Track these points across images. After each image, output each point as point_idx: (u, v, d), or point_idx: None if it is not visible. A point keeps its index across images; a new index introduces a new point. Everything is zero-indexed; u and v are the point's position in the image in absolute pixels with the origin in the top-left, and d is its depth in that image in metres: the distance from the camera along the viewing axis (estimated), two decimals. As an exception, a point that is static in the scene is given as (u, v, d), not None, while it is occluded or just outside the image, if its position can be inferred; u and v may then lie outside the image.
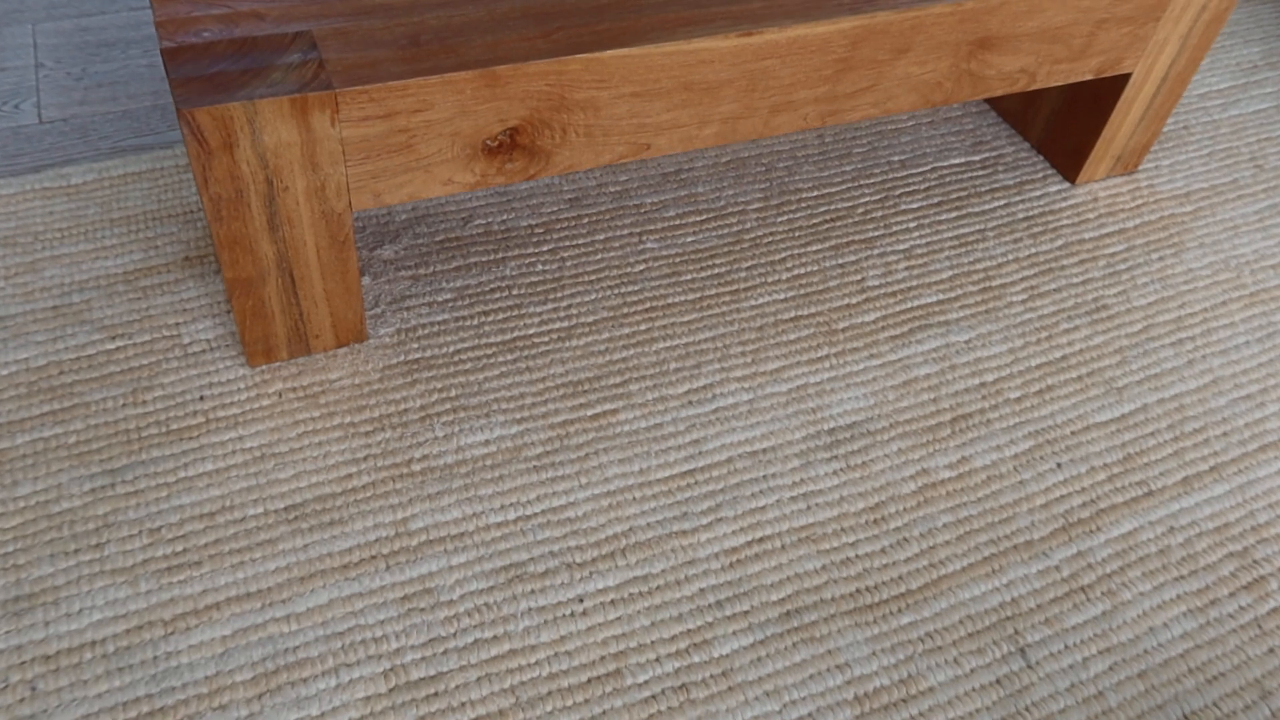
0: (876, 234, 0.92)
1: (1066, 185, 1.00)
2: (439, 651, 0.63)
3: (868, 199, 0.95)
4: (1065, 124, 1.00)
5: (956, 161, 1.01)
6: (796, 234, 0.91)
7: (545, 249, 0.87)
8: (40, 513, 0.67)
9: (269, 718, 0.60)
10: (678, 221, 0.91)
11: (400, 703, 0.61)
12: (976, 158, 1.02)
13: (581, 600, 0.66)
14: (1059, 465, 0.77)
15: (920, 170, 0.99)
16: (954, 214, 0.95)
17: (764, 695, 0.63)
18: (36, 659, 0.61)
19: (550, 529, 0.70)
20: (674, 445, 0.75)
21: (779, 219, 0.92)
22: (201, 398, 0.74)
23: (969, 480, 0.75)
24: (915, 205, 0.96)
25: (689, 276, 0.86)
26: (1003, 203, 0.97)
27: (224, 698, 0.60)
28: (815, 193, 0.95)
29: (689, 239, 0.90)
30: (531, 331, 0.81)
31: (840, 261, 0.89)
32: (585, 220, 0.90)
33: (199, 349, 0.77)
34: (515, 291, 0.83)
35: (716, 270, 0.87)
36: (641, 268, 0.87)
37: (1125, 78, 0.92)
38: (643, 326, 0.82)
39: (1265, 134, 1.09)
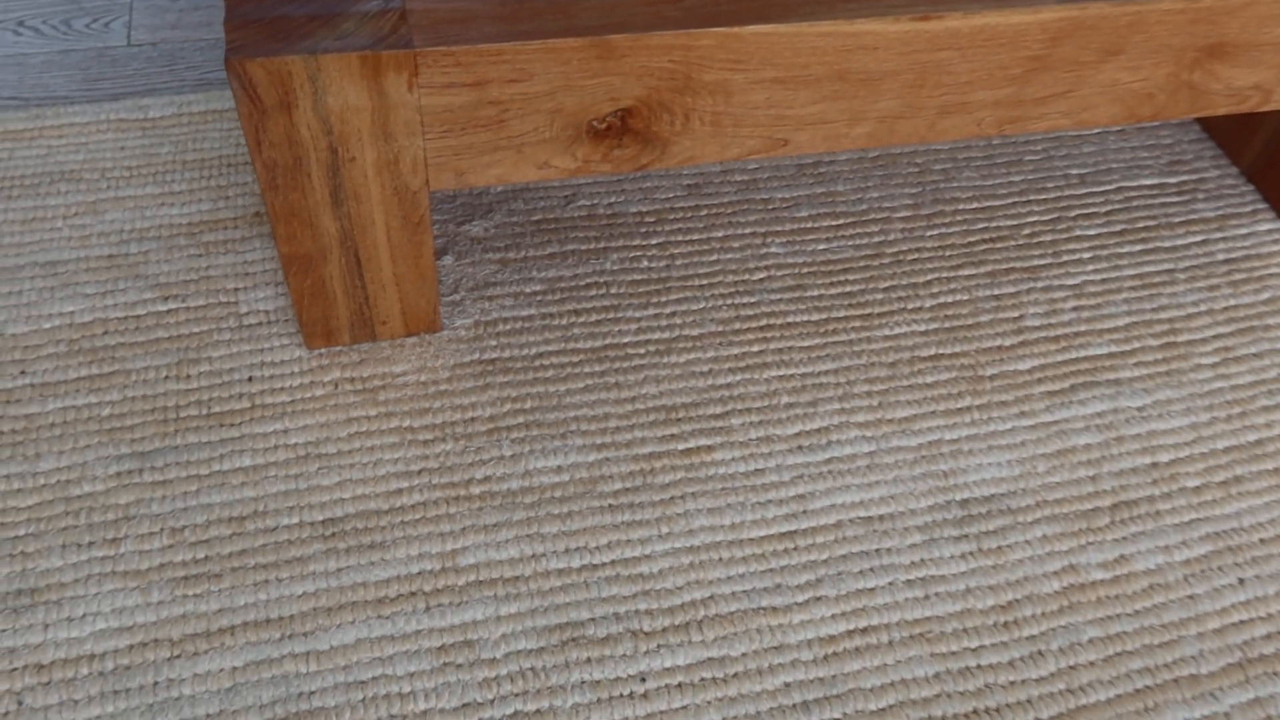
0: (1042, 263, 0.78)
1: (1282, 224, 0.83)
2: (472, 720, 0.54)
3: (1036, 219, 0.81)
4: (1291, 150, 0.83)
5: (1148, 183, 0.85)
6: (947, 253, 0.78)
7: (654, 242, 0.76)
8: (59, 494, 0.60)
9: (271, 775, 0.52)
10: (810, 224, 0.78)
11: (420, 779, 0.52)
12: (1172, 180, 0.86)
13: (644, 679, 0.56)
14: (1241, 581, 0.63)
15: (1103, 189, 0.84)
16: (1138, 247, 0.80)
17: (848, 831, 0.52)
18: (29, 667, 0.54)
19: (618, 585, 0.59)
20: (775, 498, 0.64)
21: (928, 233, 0.79)
22: (250, 379, 0.66)
23: (1127, 586, 0.62)
24: (1093, 232, 0.81)
25: (815, 292, 0.74)
26: (1199, 239, 0.81)
27: (225, 742, 0.53)
28: (974, 205, 0.81)
29: (820, 246, 0.77)
30: (626, 340, 0.70)
31: (996, 292, 0.76)
32: (703, 212, 0.78)
33: (255, 321, 0.69)
34: (614, 290, 0.73)
35: (848, 288, 0.75)
36: (762, 276, 0.75)
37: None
38: (755, 348, 0.71)
39: None
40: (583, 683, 0.56)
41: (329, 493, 0.61)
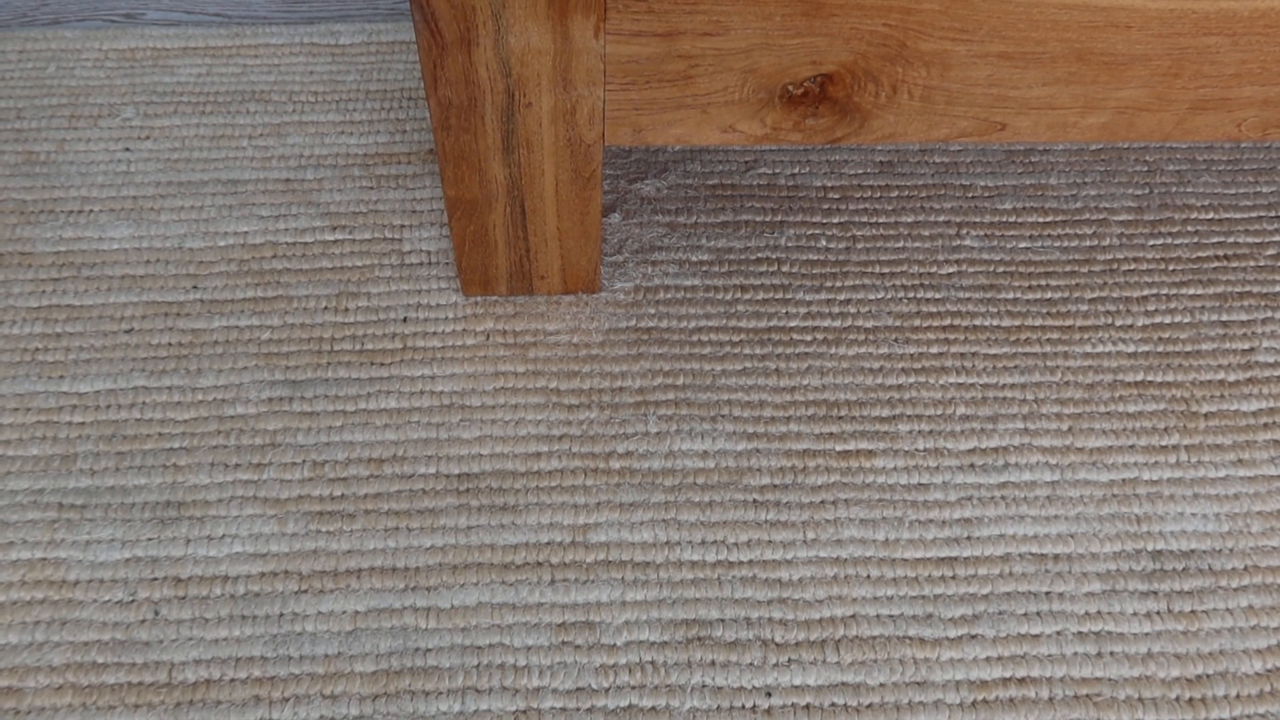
0: (1287, 290, 0.68)
1: None
2: (584, 707, 0.52)
3: (1285, 238, 0.70)
4: None
5: None
6: (1170, 268, 0.68)
7: (835, 221, 0.70)
8: (214, 412, 0.61)
9: (377, 728, 0.51)
10: (1013, 219, 0.71)
11: (523, 759, 0.50)
12: None
13: (769, 694, 0.52)
14: None
15: (1373, 212, 0.72)
16: None
17: None
18: (168, 580, 0.55)
19: (753, 587, 0.55)
20: (937, 518, 0.58)
21: (1151, 242, 0.70)
22: (405, 319, 0.65)
23: (1346, 680, 0.53)
24: (1354, 261, 0.69)
25: (1010, 295, 0.67)
26: None
27: (337, 686, 0.52)
28: (1210, 215, 0.71)
29: (1022, 245, 0.69)
30: (793, 324, 0.65)
31: (1225, 318, 0.66)
32: (894, 194, 0.72)
33: (417, 260, 0.67)
34: (786, 269, 0.68)
35: (1049, 294, 0.67)
36: (951, 270, 0.68)
37: None
38: (934, 349, 0.64)
39: None
40: (704, 686, 0.52)
41: (468, 446, 0.60)
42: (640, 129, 0.55)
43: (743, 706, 0.52)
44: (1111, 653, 0.54)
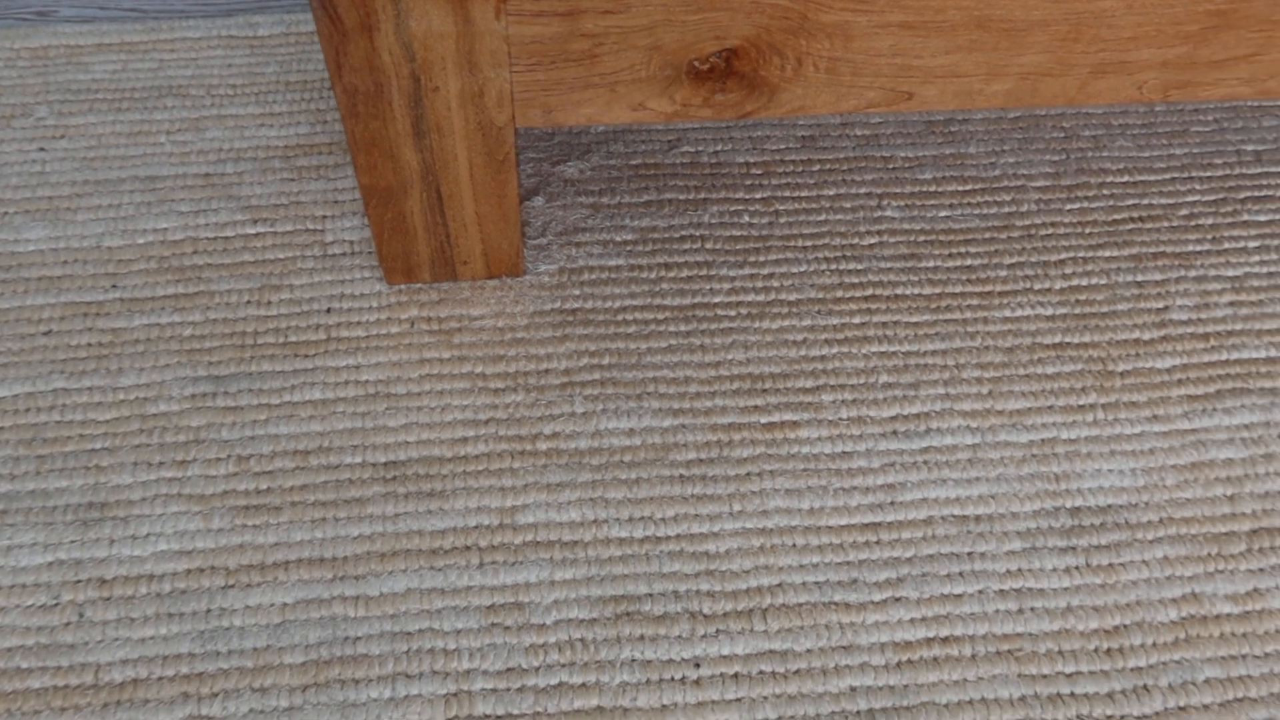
0: (1199, 249, 0.69)
1: None
2: (515, 687, 0.52)
3: (1197, 199, 0.72)
4: None
5: (1338, 165, 0.74)
6: (1087, 231, 0.70)
7: (758, 197, 0.70)
8: (136, 411, 0.60)
9: (307, 717, 0.51)
10: (933, 188, 0.72)
11: (454, 741, 0.50)
12: (1369, 164, 0.75)
13: (698, 665, 0.53)
14: (1399, 633, 0.55)
15: (1281, 169, 0.74)
16: (1318, 238, 0.70)
17: None
18: (92, 581, 0.55)
19: (681, 561, 0.56)
20: (861, 485, 0.59)
21: (1068, 206, 0.71)
22: (329, 310, 0.64)
23: (1258, 624, 0.55)
24: (1263, 218, 0.71)
25: (931, 264, 0.68)
26: (1394, 233, 0.71)
27: (267, 679, 0.52)
28: (1125, 179, 0.73)
29: (942, 214, 0.70)
30: (717, 300, 0.66)
31: (1140, 279, 0.68)
32: (815, 167, 0.72)
33: (339, 251, 0.67)
34: (710, 245, 0.68)
35: (969, 261, 0.68)
36: (873, 241, 0.69)
37: None
38: (856, 320, 0.65)
39: None
40: (633, 660, 0.53)
41: (394, 434, 0.60)
42: (550, 110, 0.55)
43: (672, 679, 0.52)
44: (1032, 608, 0.55)
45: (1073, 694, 0.52)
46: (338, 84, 0.52)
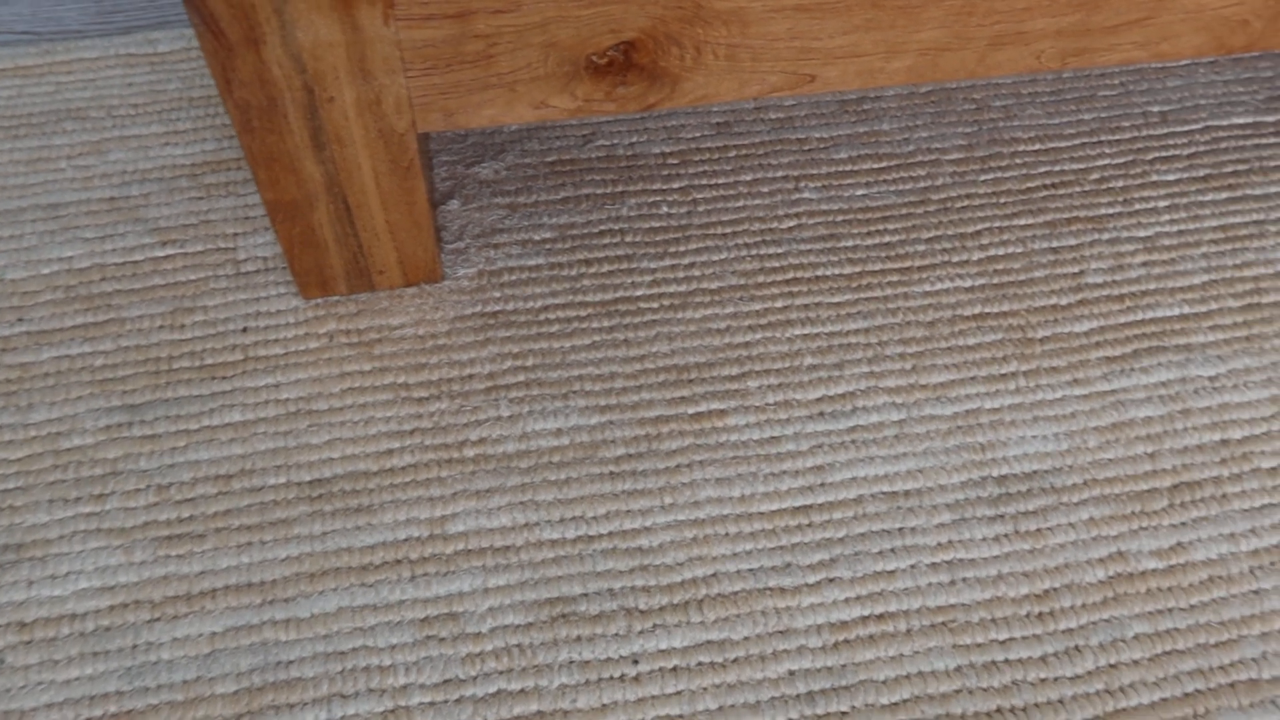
0: (1111, 212, 0.70)
1: (1396, 168, 0.74)
2: (452, 699, 0.51)
3: (1107, 162, 0.73)
4: None
5: (1240, 122, 0.76)
6: (1002, 200, 0.70)
7: (675, 186, 0.70)
8: (49, 447, 0.59)
9: (243, 746, 0.50)
10: (849, 167, 0.72)
11: (394, 758, 0.50)
12: (1270, 119, 0.76)
13: (636, 661, 0.53)
14: (1318, 576, 0.56)
15: (1187, 129, 0.75)
16: (1224, 195, 0.72)
17: (847, 837, 0.48)
18: (11, 625, 0.53)
19: (615, 558, 0.56)
20: (790, 469, 0.59)
21: (981, 177, 0.72)
22: (245, 329, 0.63)
23: (1182, 578, 0.56)
24: (1172, 178, 0.72)
25: (850, 243, 0.68)
26: (1298, 184, 0.72)
27: (198, 711, 0.51)
28: (1037, 146, 0.73)
29: (859, 192, 0.70)
30: (639, 294, 0.65)
31: (1054, 245, 0.68)
32: (732, 153, 0.72)
33: (253, 268, 0.66)
34: (629, 238, 0.68)
35: (887, 238, 0.68)
36: (792, 224, 0.69)
37: None
38: (779, 303, 0.65)
39: None
40: (571, 662, 0.53)
41: (318, 452, 0.59)
42: (451, 113, 0.55)
43: (611, 677, 0.52)
44: (964, 579, 0.56)
45: (1006, 660, 0.53)
46: (228, 100, 0.51)
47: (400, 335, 0.63)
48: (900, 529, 0.57)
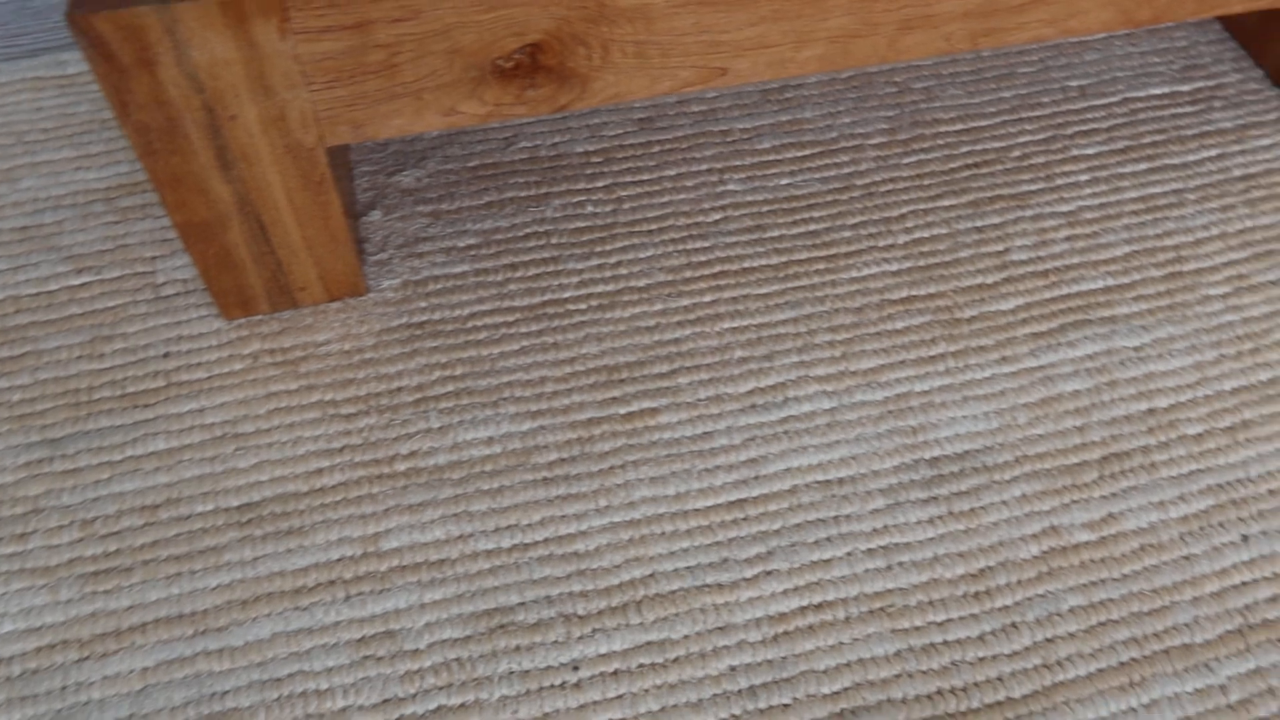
0: (1033, 188, 0.71)
1: (1308, 131, 0.75)
2: (393, 718, 0.51)
3: (1028, 139, 0.73)
4: (1320, 46, 0.74)
5: (1157, 92, 0.77)
6: (925, 183, 0.71)
7: (599, 185, 0.70)
8: (-33, 486, 0.57)
9: (179, 780, 0.49)
10: (773, 156, 0.72)
11: (334, 781, 0.49)
12: (1185, 89, 0.77)
13: (576, 668, 0.52)
14: (1245, 539, 0.57)
15: (1105, 102, 0.76)
16: (1143, 166, 0.72)
17: (792, 828, 0.48)
18: (-66, 671, 0.52)
19: (551, 565, 0.55)
20: (724, 464, 0.59)
21: (905, 160, 0.72)
22: (166, 354, 0.62)
23: (1114, 548, 0.57)
24: (1091, 151, 0.73)
25: (776, 233, 0.68)
26: (1214, 154, 0.73)
27: (133, 747, 0.50)
28: (958, 127, 0.74)
29: (783, 181, 0.70)
30: (567, 295, 0.65)
31: (979, 224, 0.69)
32: (655, 149, 0.72)
33: (172, 291, 0.65)
34: (554, 240, 0.67)
35: (813, 226, 0.68)
36: (717, 217, 0.69)
37: None
38: (707, 298, 0.65)
39: None
40: (511, 673, 0.52)
41: (246, 476, 0.58)
42: (359, 124, 0.54)
43: (551, 685, 0.52)
44: (900, 563, 0.56)
45: (945, 642, 0.54)
46: (126, 124, 0.50)
47: (326, 352, 0.62)
48: (835, 517, 0.57)
